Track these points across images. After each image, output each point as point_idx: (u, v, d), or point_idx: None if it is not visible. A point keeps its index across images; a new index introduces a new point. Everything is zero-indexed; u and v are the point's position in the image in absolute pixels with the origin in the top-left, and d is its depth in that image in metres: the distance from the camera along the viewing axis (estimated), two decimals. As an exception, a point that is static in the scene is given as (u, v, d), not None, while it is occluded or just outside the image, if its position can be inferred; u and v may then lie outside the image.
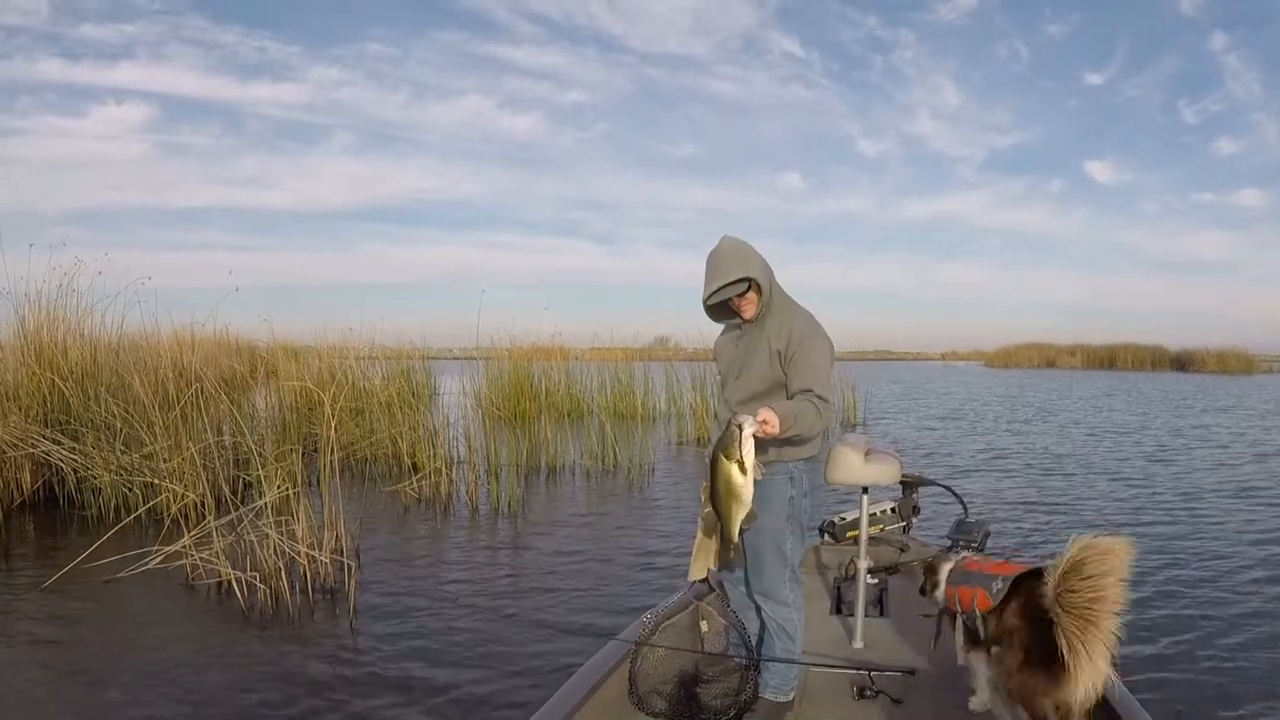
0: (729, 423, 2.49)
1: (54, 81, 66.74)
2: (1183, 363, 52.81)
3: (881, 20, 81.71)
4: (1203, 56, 79.31)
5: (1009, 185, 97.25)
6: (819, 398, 2.62)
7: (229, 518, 5.58)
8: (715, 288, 2.70)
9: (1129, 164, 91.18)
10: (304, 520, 5.44)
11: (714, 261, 2.72)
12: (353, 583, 5.02)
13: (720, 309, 2.87)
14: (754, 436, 2.45)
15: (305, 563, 5.27)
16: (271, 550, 5.20)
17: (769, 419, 2.44)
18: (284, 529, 5.39)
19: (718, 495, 2.54)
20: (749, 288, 2.72)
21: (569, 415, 14.66)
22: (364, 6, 78.43)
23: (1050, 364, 57.93)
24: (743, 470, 2.47)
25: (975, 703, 2.90)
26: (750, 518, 2.55)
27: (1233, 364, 49.92)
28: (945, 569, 3.02)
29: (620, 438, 11.01)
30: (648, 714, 2.82)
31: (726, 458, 2.47)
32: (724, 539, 2.60)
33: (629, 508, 8.43)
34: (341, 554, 5.51)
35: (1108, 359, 56.34)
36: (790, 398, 2.68)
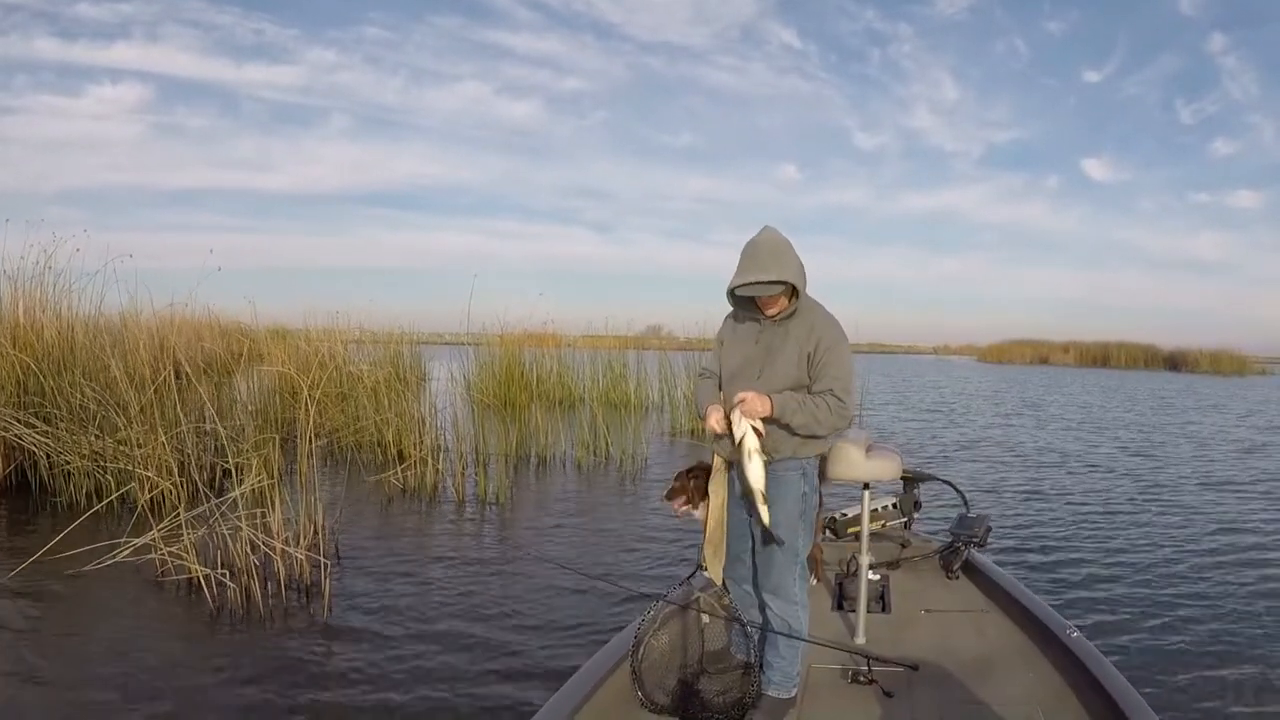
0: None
1: (50, 60, 65.91)
2: (1176, 362, 52.75)
3: (880, 13, 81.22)
4: (1201, 57, 79.07)
5: (1006, 181, 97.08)
6: (836, 397, 2.69)
7: (200, 509, 5.31)
8: (750, 282, 2.65)
9: (1126, 162, 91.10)
10: (279, 513, 5.17)
11: (752, 253, 2.69)
12: (328, 581, 4.77)
13: (743, 299, 2.83)
14: (745, 420, 2.61)
15: (280, 559, 5.01)
16: (244, 545, 4.94)
17: (747, 399, 2.59)
18: (258, 522, 5.13)
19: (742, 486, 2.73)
20: (782, 291, 2.71)
21: (560, 404, 14.45)
22: (361, -10, 77.48)
23: (1043, 360, 57.91)
24: (741, 454, 2.63)
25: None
26: (766, 499, 2.68)
27: (1226, 365, 49.92)
28: None
29: (612, 428, 10.78)
30: (653, 711, 2.82)
31: (735, 448, 2.65)
32: (760, 525, 2.73)
33: (620, 500, 8.22)
34: (318, 549, 5.25)
35: (1101, 357, 56.24)
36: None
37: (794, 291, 2.74)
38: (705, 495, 3.06)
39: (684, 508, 3.29)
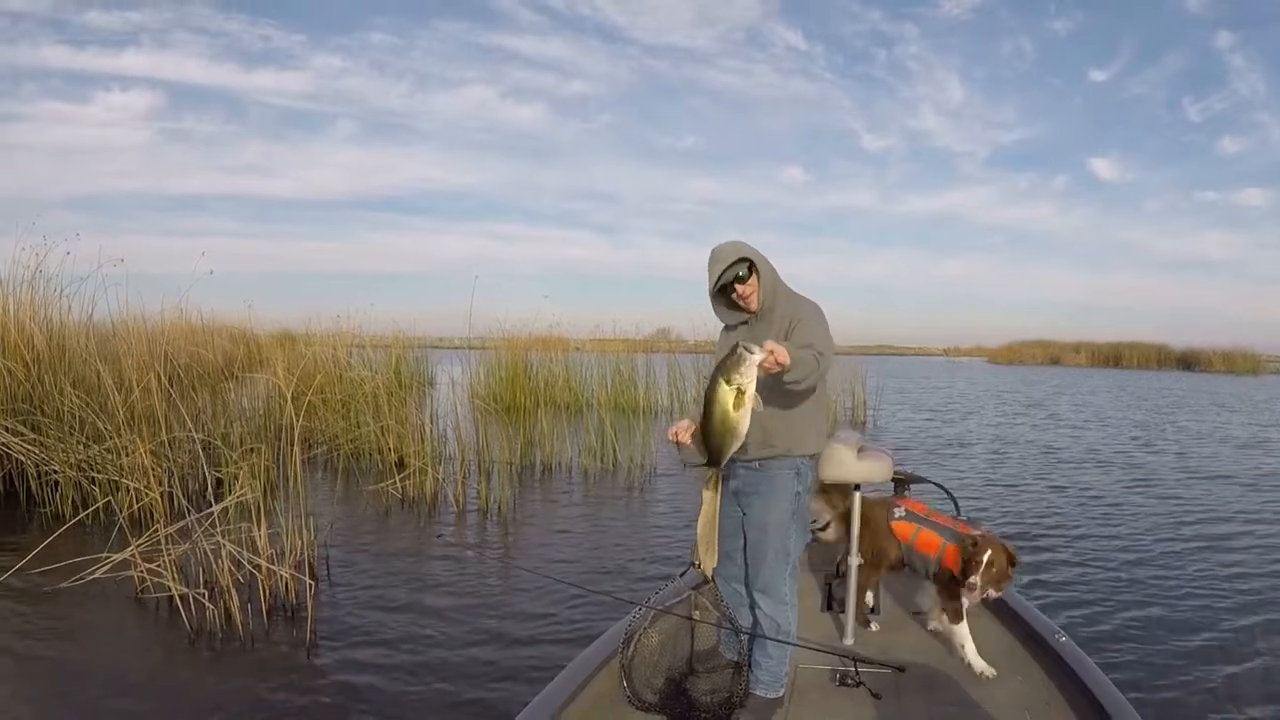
0: (735, 347, 2.40)
1: (59, 68, 66.39)
2: (1188, 362, 52.39)
3: (885, 15, 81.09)
4: (1208, 55, 78.60)
5: (1012, 181, 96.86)
6: (819, 352, 2.63)
7: (184, 522, 5.02)
8: (718, 272, 2.74)
9: (1133, 162, 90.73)
10: (264, 528, 4.86)
11: (714, 255, 2.78)
12: (313, 602, 4.46)
13: (727, 304, 2.87)
14: (759, 368, 2.40)
15: (264, 577, 4.71)
16: (227, 561, 4.64)
17: (776, 349, 2.40)
18: (243, 537, 4.83)
19: (710, 425, 2.49)
20: (750, 271, 2.74)
21: (567, 409, 14.14)
22: (367, -5, 77.67)
23: (1055, 361, 57.57)
24: (741, 399, 2.42)
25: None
26: (742, 450, 2.55)
27: (1239, 364, 49.49)
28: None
29: (620, 434, 10.45)
30: (640, 709, 2.81)
31: (726, 383, 2.42)
32: (713, 462, 2.58)
33: (629, 511, 7.89)
34: (306, 565, 4.95)
35: (1113, 357, 55.93)
36: None
37: (766, 276, 2.78)
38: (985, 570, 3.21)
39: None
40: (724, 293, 2.81)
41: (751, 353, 2.35)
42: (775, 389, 2.66)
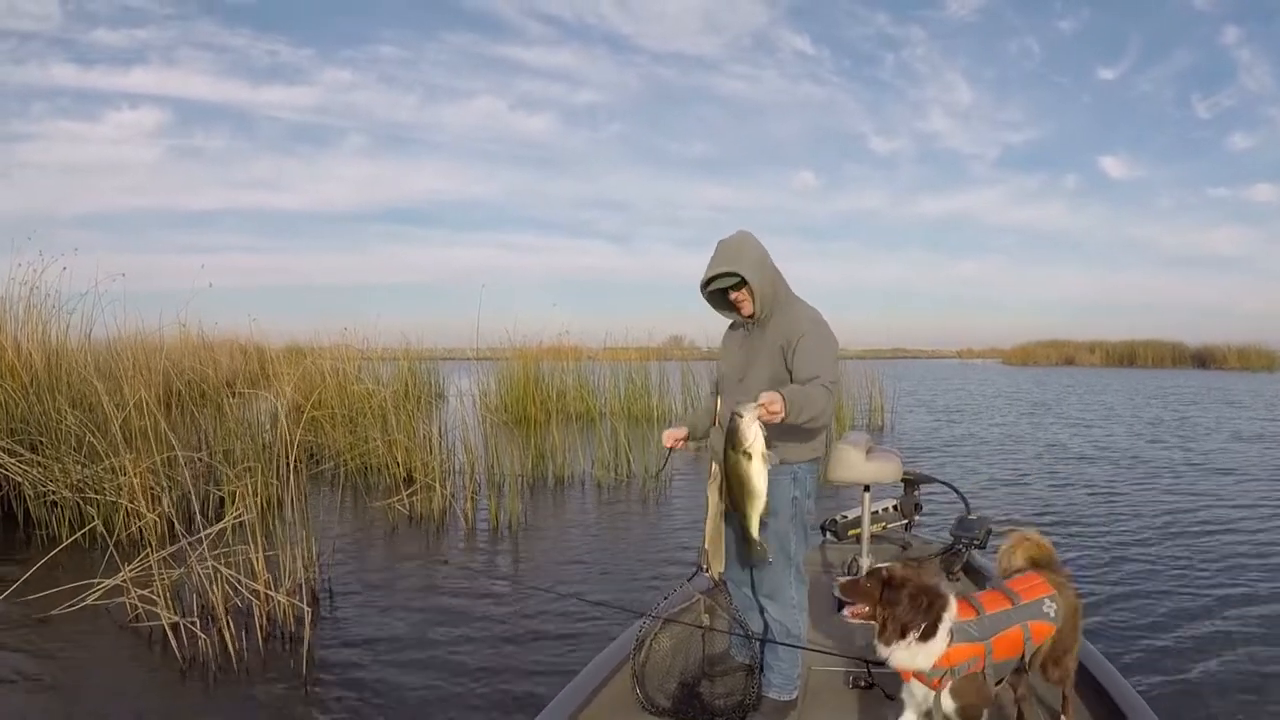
0: (732, 414, 2.39)
1: (67, 86, 66.86)
2: (1203, 359, 51.73)
3: (891, 17, 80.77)
4: (1215, 50, 77.88)
5: (1023, 182, 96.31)
6: (824, 386, 2.54)
7: (176, 547, 4.77)
8: (708, 276, 2.72)
9: (1143, 159, 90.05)
10: (261, 551, 4.60)
11: (717, 251, 2.74)
12: (311, 629, 4.20)
13: (722, 301, 2.83)
14: (760, 421, 2.36)
15: (262, 603, 4.45)
16: (222, 587, 4.39)
17: (772, 402, 2.34)
18: (240, 561, 4.57)
19: (733, 492, 2.47)
20: (740, 284, 2.69)
21: (579, 419, 13.90)
22: (375, 9, 78.14)
23: (1069, 361, 57.00)
24: (749, 460, 2.39)
25: None
26: (767, 510, 2.48)
27: (1255, 360, 48.78)
28: None
29: (634, 444, 10.18)
30: (653, 713, 2.80)
31: (734, 450, 2.40)
32: (746, 538, 2.53)
33: (644, 522, 7.61)
34: (303, 591, 4.67)
35: (1127, 356, 55.33)
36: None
37: (762, 288, 2.70)
38: (891, 605, 2.36)
39: (860, 617, 2.45)
40: (720, 289, 2.76)
41: (743, 415, 2.35)
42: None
